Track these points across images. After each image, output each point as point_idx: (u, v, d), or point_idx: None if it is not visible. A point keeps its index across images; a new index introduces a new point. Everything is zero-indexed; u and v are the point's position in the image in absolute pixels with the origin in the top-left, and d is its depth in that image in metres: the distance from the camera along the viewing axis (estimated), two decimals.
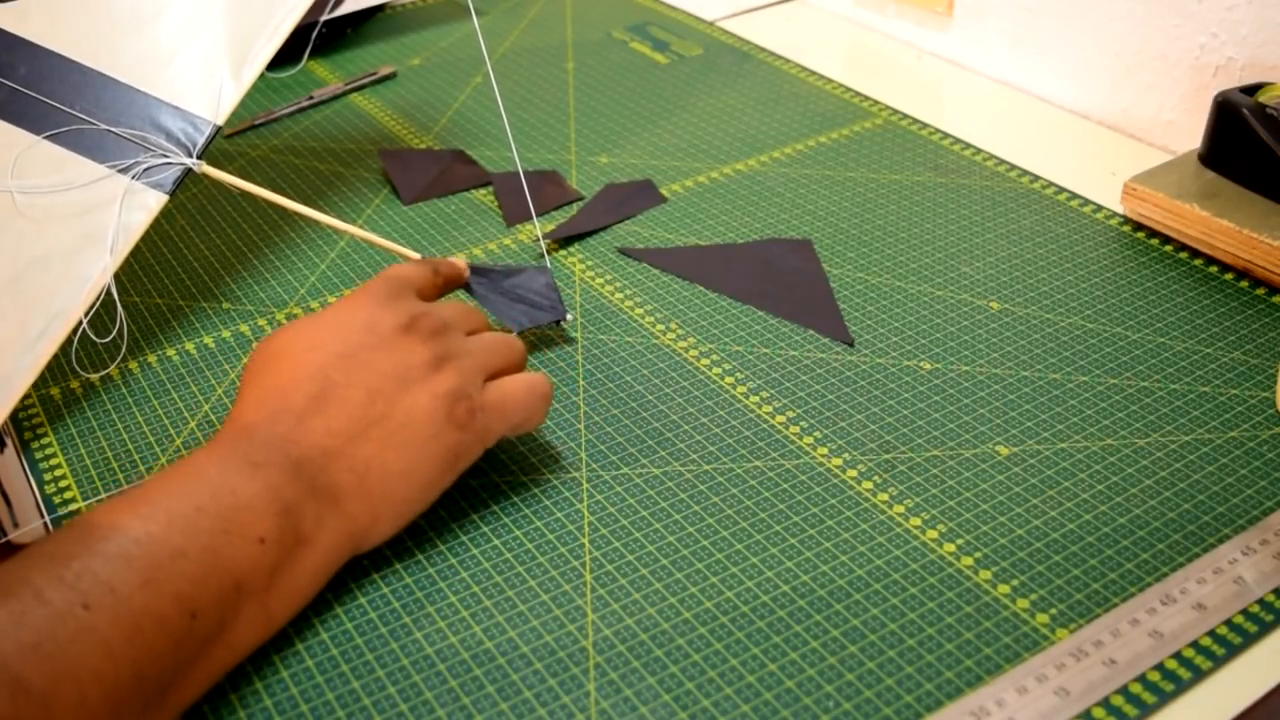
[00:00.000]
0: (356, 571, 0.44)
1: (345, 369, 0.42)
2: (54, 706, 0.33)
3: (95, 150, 0.53)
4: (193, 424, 0.52)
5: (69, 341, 0.51)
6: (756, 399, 0.52)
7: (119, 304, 0.52)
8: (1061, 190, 0.67)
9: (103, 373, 0.55)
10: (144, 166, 0.52)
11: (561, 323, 0.56)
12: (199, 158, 0.53)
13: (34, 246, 0.51)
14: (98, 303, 0.51)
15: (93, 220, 0.51)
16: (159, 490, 0.38)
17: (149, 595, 0.35)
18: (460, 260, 0.53)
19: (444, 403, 0.42)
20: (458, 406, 0.43)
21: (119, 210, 0.51)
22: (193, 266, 0.64)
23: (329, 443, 0.41)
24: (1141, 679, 0.39)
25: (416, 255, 0.56)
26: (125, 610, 0.35)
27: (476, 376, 0.44)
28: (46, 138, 0.53)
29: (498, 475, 0.48)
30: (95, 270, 0.51)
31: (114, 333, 0.56)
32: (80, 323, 0.50)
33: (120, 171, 0.52)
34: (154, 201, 0.52)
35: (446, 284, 0.52)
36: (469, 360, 0.45)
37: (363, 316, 0.44)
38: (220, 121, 0.54)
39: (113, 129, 0.53)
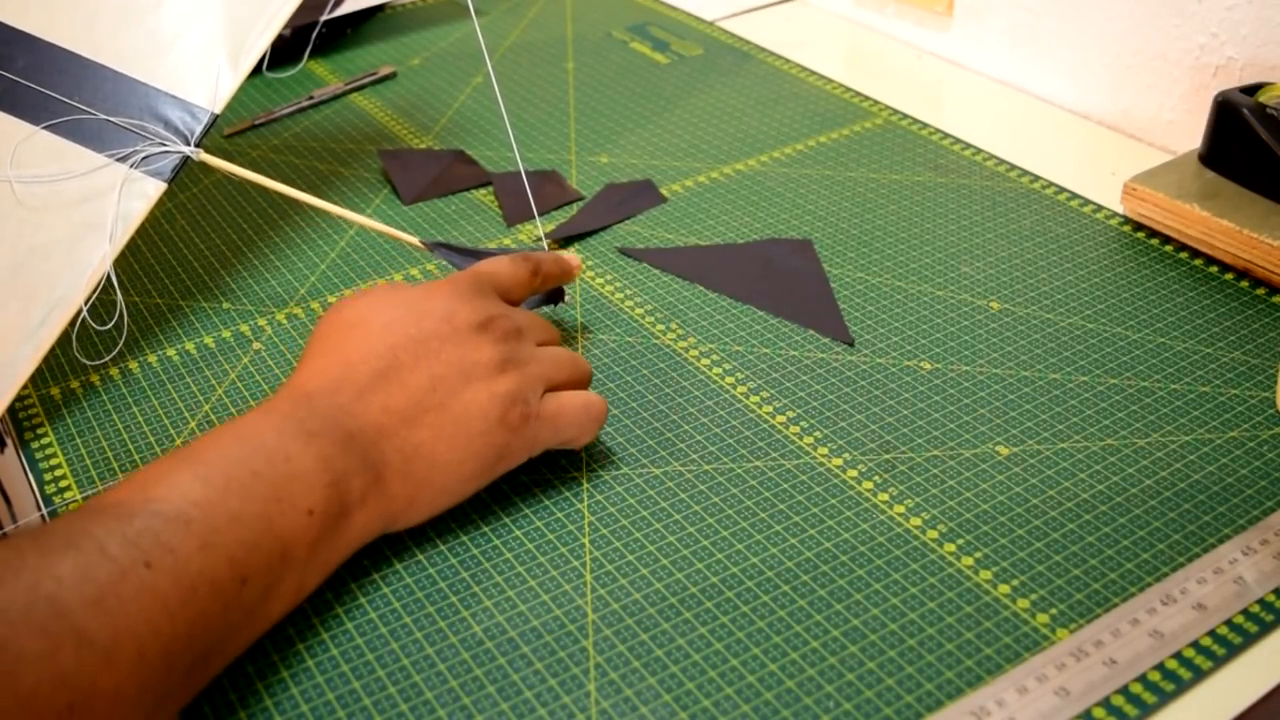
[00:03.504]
0: (357, 572, 0.44)
1: (414, 353, 0.43)
2: (115, 660, 0.33)
3: (94, 140, 0.53)
4: (193, 424, 0.52)
5: (69, 335, 0.51)
6: (757, 399, 0.52)
7: (119, 292, 0.52)
8: (1061, 190, 0.67)
9: (106, 360, 0.55)
10: (142, 155, 0.53)
11: (560, 302, 0.56)
12: (197, 146, 0.53)
13: (34, 235, 0.51)
14: (98, 290, 0.51)
15: (92, 209, 0.52)
16: (215, 451, 0.39)
17: (206, 558, 0.36)
18: (574, 257, 0.54)
19: (500, 403, 0.43)
20: (513, 410, 0.43)
21: (118, 198, 0.52)
22: (193, 266, 0.64)
23: (384, 420, 0.42)
24: (1142, 679, 0.39)
25: (415, 240, 0.56)
26: (184, 572, 0.35)
27: (538, 385, 0.45)
28: (45, 128, 0.53)
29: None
30: (95, 258, 0.51)
31: (114, 321, 0.56)
32: (81, 310, 0.50)
33: (119, 160, 0.52)
34: (152, 189, 0.52)
35: (546, 281, 0.52)
36: (534, 368, 0.45)
37: (443, 306, 0.45)
38: (218, 110, 0.54)
39: (111, 119, 0.53)
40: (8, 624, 0.32)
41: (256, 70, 0.84)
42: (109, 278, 0.51)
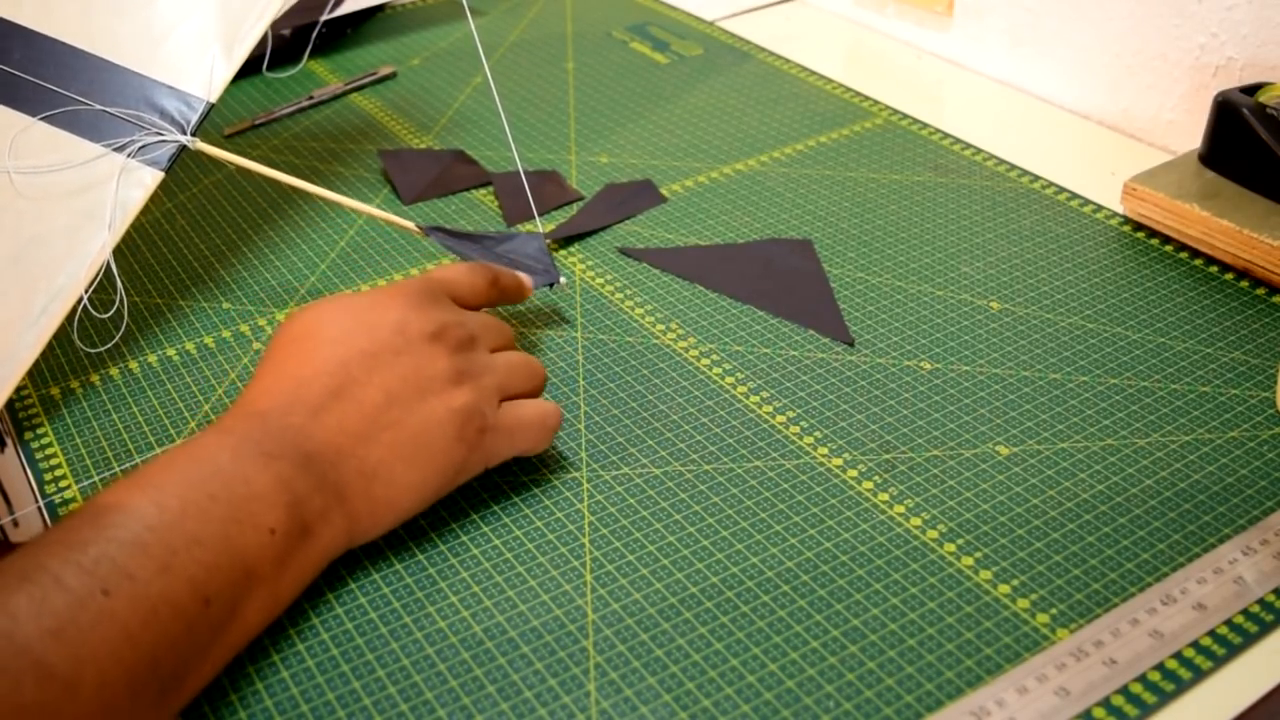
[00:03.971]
0: (357, 572, 0.44)
1: (367, 367, 0.42)
2: (77, 689, 0.33)
3: (91, 130, 0.53)
4: (193, 424, 0.52)
5: (70, 327, 0.51)
6: (757, 399, 0.52)
7: (118, 278, 0.52)
8: (1061, 190, 0.67)
9: (108, 346, 0.56)
10: (139, 145, 0.53)
11: (555, 285, 0.56)
12: (193, 135, 0.54)
13: (34, 225, 0.52)
14: (99, 278, 0.51)
15: (91, 198, 0.52)
16: (170, 473, 0.38)
17: (166, 581, 0.36)
18: (527, 280, 0.53)
19: (458, 419, 0.43)
20: (469, 425, 0.43)
21: (116, 187, 0.52)
22: (193, 266, 0.64)
23: (341, 441, 0.41)
24: (1142, 679, 0.39)
25: (412, 225, 0.57)
26: (143, 595, 0.35)
27: (493, 396, 0.45)
28: (42, 119, 0.53)
29: (498, 475, 0.48)
30: (95, 246, 0.51)
31: (113, 310, 0.56)
32: (81, 299, 0.51)
33: (116, 150, 0.53)
34: (150, 179, 0.53)
35: (502, 296, 0.51)
36: (489, 379, 0.45)
37: (394, 316, 0.44)
38: (213, 99, 0.54)
39: (108, 109, 0.53)
40: None
41: (256, 70, 0.84)
42: (108, 265, 0.51)
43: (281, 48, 0.86)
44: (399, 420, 0.42)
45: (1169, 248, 0.62)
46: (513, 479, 0.48)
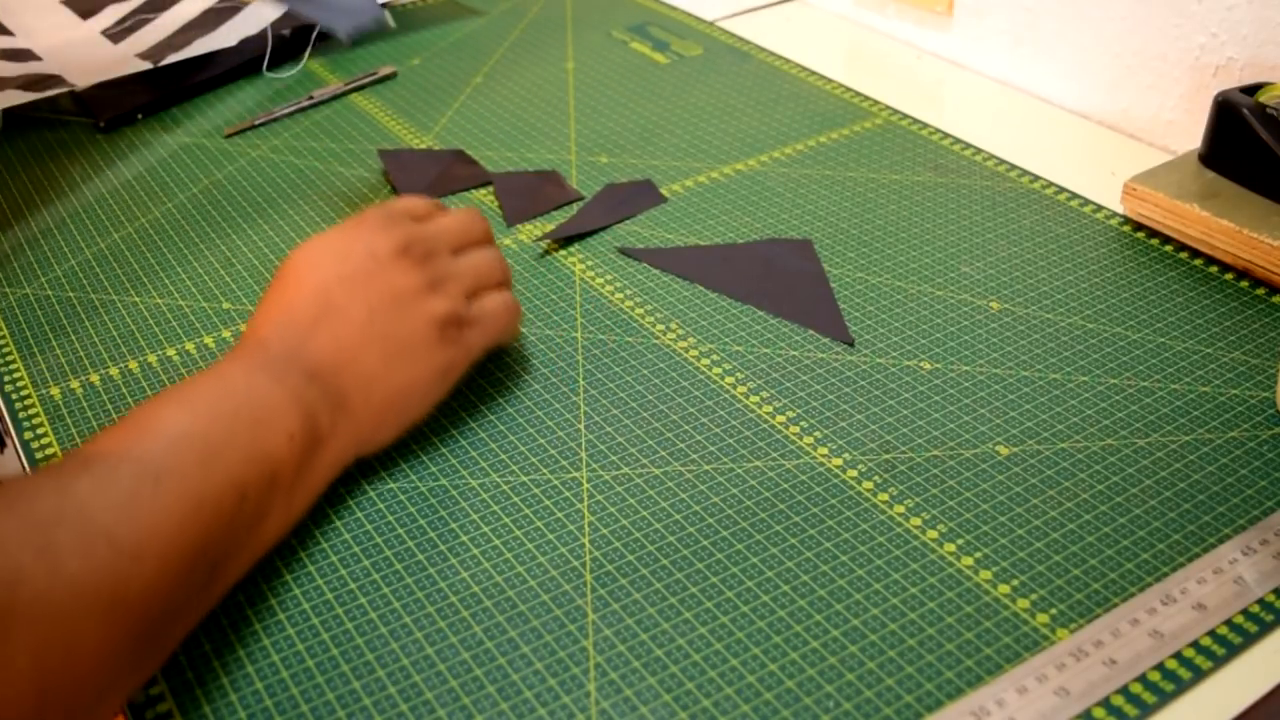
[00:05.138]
0: (357, 571, 0.44)
1: (347, 290, 0.47)
2: (142, 561, 0.36)
3: None
4: None
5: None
6: (756, 399, 0.52)
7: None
8: (1061, 190, 0.67)
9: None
10: None
11: (384, 26, 0.57)
12: None
13: None
14: None
15: None
16: (195, 390, 0.42)
17: (206, 475, 0.39)
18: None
19: (437, 324, 0.48)
20: (449, 327, 0.48)
21: None
22: (193, 266, 0.64)
23: (337, 356, 0.46)
24: (1142, 679, 0.39)
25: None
26: (189, 487, 0.38)
27: (465, 296, 0.50)
28: None
29: (498, 475, 0.48)
30: None
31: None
32: None
33: None
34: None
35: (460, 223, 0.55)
36: (456, 283, 0.50)
37: (363, 241, 0.48)
38: None
39: None
40: (42, 530, 0.34)
41: (256, 70, 0.84)
42: None
43: (281, 48, 0.86)
44: (385, 332, 0.46)
45: (1169, 248, 0.62)
46: (512, 479, 0.48)
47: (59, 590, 0.34)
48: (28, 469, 0.50)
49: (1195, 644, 0.40)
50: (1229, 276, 0.59)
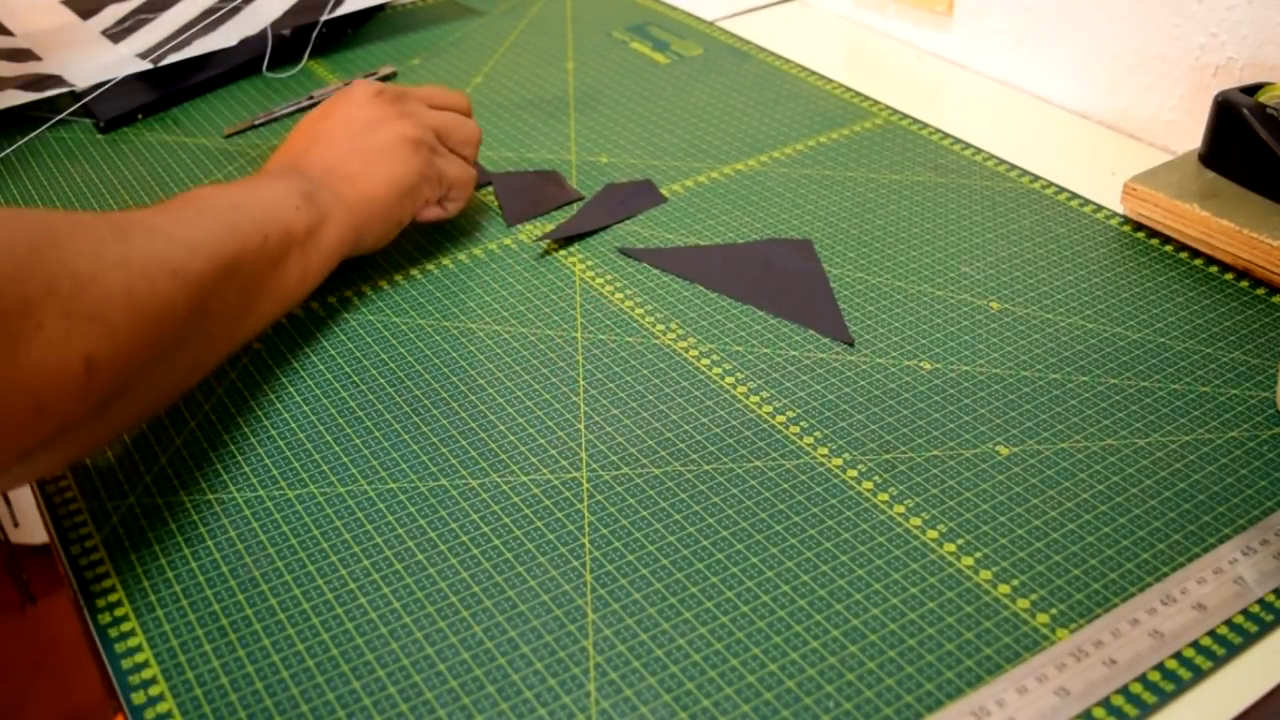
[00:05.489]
0: (357, 571, 0.44)
1: (329, 125, 0.59)
2: (195, 254, 0.45)
3: None
4: (193, 424, 0.52)
5: None
6: (756, 399, 0.52)
7: None
8: (1061, 190, 0.67)
9: None
10: None
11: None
12: None
13: None
14: None
15: None
16: (213, 188, 0.51)
17: (237, 217, 0.48)
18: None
19: (409, 138, 0.58)
20: (421, 145, 0.58)
21: None
22: None
23: (326, 165, 0.56)
24: (1142, 679, 0.39)
25: None
26: (223, 220, 0.47)
27: (431, 129, 0.60)
28: None
29: (498, 475, 0.48)
30: None
31: None
32: None
33: None
34: None
35: (431, 97, 0.65)
36: (426, 118, 0.60)
37: (344, 101, 0.60)
38: None
39: None
40: (115, 225, 0.43)
41: (256, 70, 0.84)
42: None
43: (281, 48, 0.86)
44: (364, 145, 0.57)
45: (1169, 248, 0.62)
46: (512, 479, 0.48)
47: (136, 262, 0.42)
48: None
49: (1195, 644, 0.40)
50: (1229, 276, 0.59)
